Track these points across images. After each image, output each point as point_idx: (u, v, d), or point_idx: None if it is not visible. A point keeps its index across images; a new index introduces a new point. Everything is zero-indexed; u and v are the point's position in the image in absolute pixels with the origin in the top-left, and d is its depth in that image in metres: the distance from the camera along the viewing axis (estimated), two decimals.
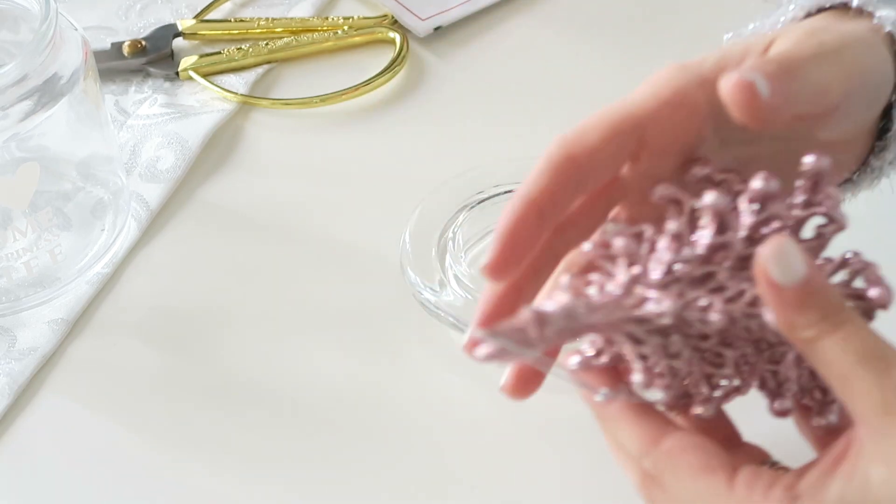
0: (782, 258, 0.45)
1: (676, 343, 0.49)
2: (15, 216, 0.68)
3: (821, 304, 0.45)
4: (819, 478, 0.46)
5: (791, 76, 0.49)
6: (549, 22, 0.87)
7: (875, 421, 0.44)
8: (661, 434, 0.48)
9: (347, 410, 0.65)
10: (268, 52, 0.84)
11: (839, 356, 0.45)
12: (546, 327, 0.46)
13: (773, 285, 0.45)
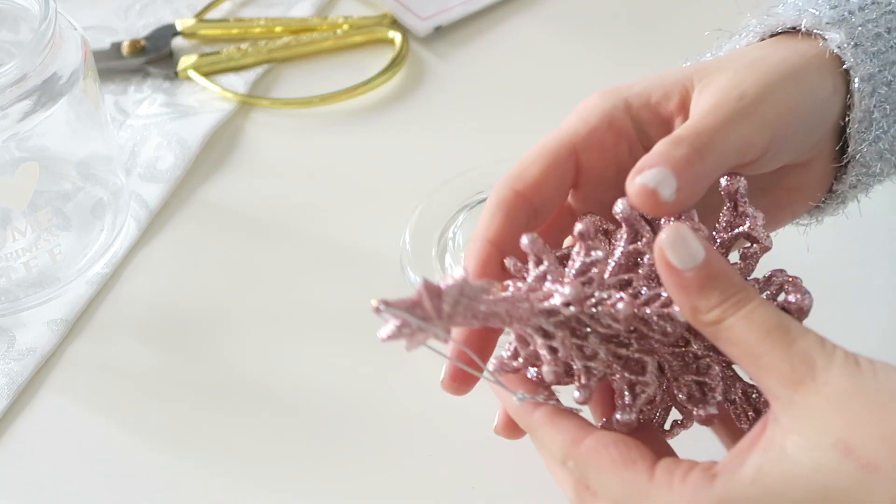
0: (680, 243, 0.47)
1: (593, 344, 0.50)
2: (14, 216, 0.68)
3: (722, 285, 0.46)
4: (736, 457, 0.46)
5: (702, 156, 0.50)
6: (548, 22, 0.87)
7: (785, 393, 0.45)
8: (583, 435, 0.49)
9: (347, 410, 0.65)
10: (267, 51, 0.84)
11: (744, 334, 0.46)
12: (442, 301, 0.47)
13: (673, 270, 0.47)
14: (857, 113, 0.54)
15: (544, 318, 0.49)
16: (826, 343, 0.45)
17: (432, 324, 0.47)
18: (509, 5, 0.88)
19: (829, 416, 0.44)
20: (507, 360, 0.52)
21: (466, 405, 0.65)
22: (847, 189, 0.57)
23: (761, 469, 0.45)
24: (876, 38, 0.55)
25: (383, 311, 0.47)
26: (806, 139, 0.54)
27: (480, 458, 0.63)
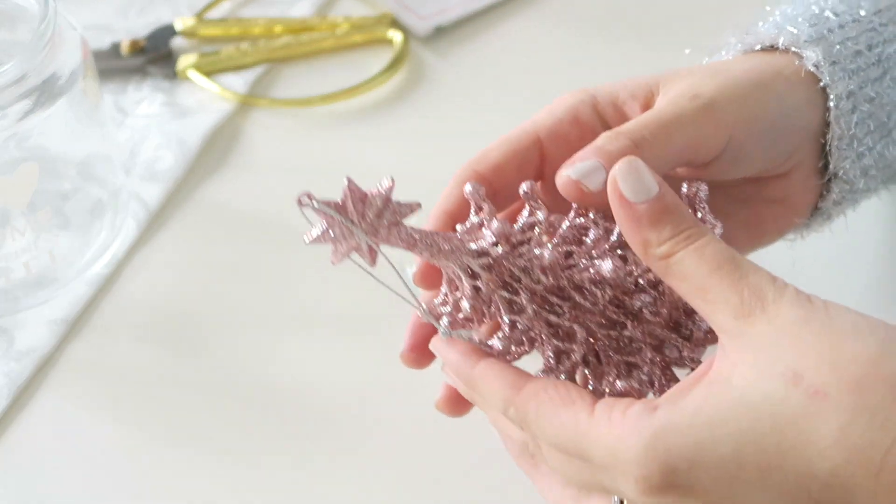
0: (634, 175, 0.47)
1: (522, 300, 0.50)
2: (14, 216, 0.68)
3: (674, 220, 0.46)
4: (679, 391, 0.45)
5: (640, 150, 0.50)
6: (548, 21, 0.87)
7: (734, 325, 0.44)
8: (523, 382, 0.49)
9: (347, 410, 0.65)
10: (267, 51, 0.84)
11: (694, 268, 0.45)
12: (366, 207, 0.48)
13: (625, 202, 0.47)
14: (835, 129, 0.55)
15: (472, 258, 0.50)
16: (777, 280, 0.45)
17: (355, 229, 0.48)
18: (509, 5, 0.88)
19: (778, 345, 0.43)
20: (436, 305, 0.52)
21: None
22: (831, 206, 0.57)
23: (706, 400, 0.44)
24: (855, 55, 0.55)
25: (306, 203, 0.48)
26: (776, 147, 0.54)
27: (480, 457, 0.63)
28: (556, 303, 0.50)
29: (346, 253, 0.49)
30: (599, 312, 0.51)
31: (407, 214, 0.49)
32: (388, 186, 0.49)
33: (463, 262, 0.50)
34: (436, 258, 0.50)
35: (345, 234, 0.49)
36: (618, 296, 0.51)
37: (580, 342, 0.51)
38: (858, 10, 0.56)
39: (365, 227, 0.48)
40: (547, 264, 0.49)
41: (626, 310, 0.51)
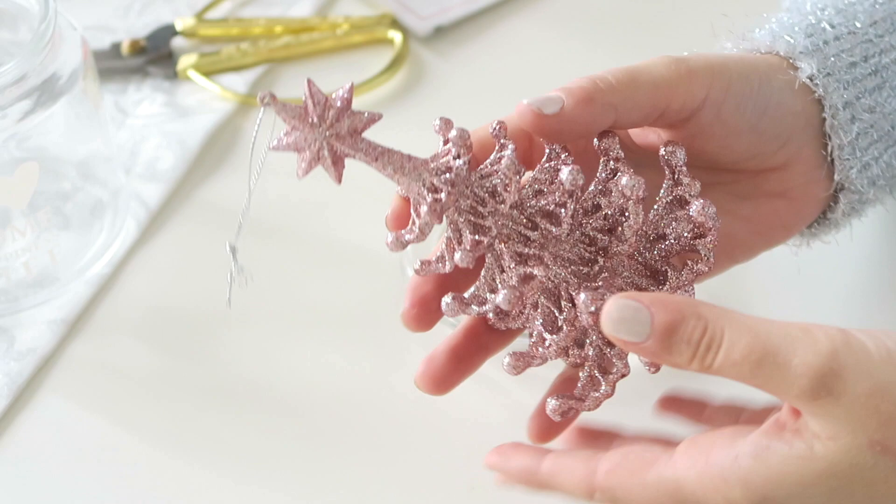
0: (623, 322, 0.46)
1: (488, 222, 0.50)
2: (14, 216, 0.68)
3: (685, 338, 0.45)
4: (762, 443, 0.46)
5: (602, 84, 0.51)
6: (548, 21, 0.87)
7: (805, 408, 0.45)
8: (594, 464, 0.50)
9: (347, 410, 0.65)
10: (267, 51, 0.84)
11: (735, 373, 0.45)
12: (327, 110, 0.48)
13: (633, 346, 0.46)
14: (834, 140, 0.55)
15: (434, 175, 0.50)
16: (819, 340, 0.44)
17: (315, 132, 0.48)
18: (509, 5, 0.88)
19: (858, 420, 0.44)
20: (402, 233, 0.51)
21: (466, 404, 0.65)
22: (840, 216, 0.57)
23: (789, 465, 0.45)
24: (850, 66, 0.55)
25: (268, 102, 0.48)
26: (763, 123, 0.54)
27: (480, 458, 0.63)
28: (522, 231, 0.51)
29: (311, 163, 0.49)
30: (570, 246, 0.51)
31: (368, 124, 0.50)
32: (348, 89, 0.49)
33: (426, 178, 0.50)
34: (398, 174, 0.50)
35: (307, 141, 0.49)
36: (586, 230, 0.51)
37: (547, 265, 0.50)
38: (854, 21, 0.56)
39: (326, 131, 0.49)
40: (503, 168, 0.50)
41: (597, 246, 0.51)
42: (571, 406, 0.51)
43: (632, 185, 0.50)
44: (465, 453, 0.63)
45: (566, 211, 0.50)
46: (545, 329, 0.51)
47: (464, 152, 0.50)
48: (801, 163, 0.56)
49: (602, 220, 0.51)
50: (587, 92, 0.51)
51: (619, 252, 0.51)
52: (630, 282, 0.51)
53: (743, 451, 0.46)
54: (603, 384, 0.51)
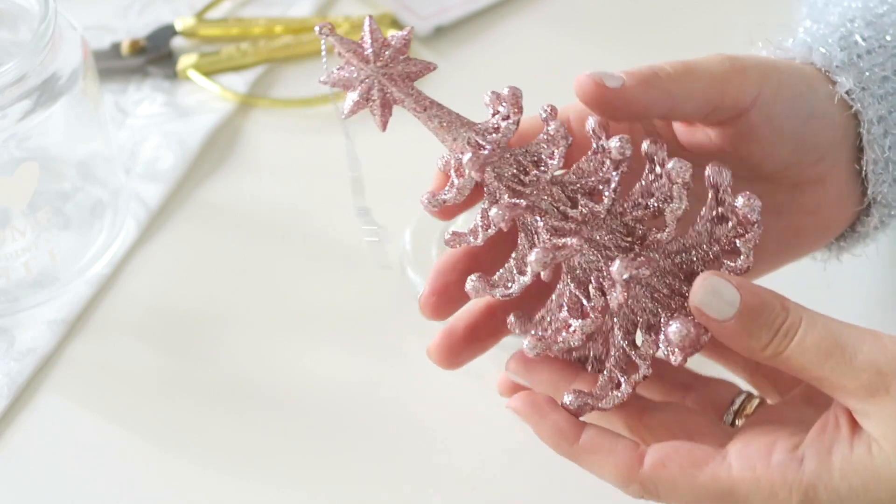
0: (711, 297, 0.47)
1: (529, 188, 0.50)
2: (14, 216, 0.68)
3: (766, 321, 0.47)
4: (823, 445, 0.47)
5: (662, 69, 0.51)
6: (548, 21, 0.87)
7: (859, 406, 0.46)
8: (637, 456, 0.49)
9: (347, 410, 0.65)
10: (267, 51, 0.84)
11: (804, 361, 0.47)
12: (385, 48, 0.50)
13: (714, 322, 0.47)
14: (870, 154, 0.55)
15: (481, 135, 0.50)
16: (887, 345, 0.46)
17: (369, 68, 0.49)
18: (509, 5, 0.88)
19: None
20: (440, 193, 0.51)
21: (466, 404, 0.65)
22: (871, 230, 0.58)
23: (850, 464, 0.46)
24: (883, 80, 0.55)
25: (326, 32, 0.49)
26: (807, 130, 0.54)
27: (480, 458, 0.63)
28: (562, 208, 0.50)
29: (358, 103, 0.49)
30: (607, 231, 0.50)
31: (423, 72, 0.50)
32: (407, 32, 0.50)
33: (471, 137, 0.50)
34: (443, 129, 0.50)
35: (359, 77, 0.49)
36: (626, 219, 0.50)
37: (582, 238, 0.50)
38: (885, 35, 0.56)
39: (381, 69, 0.49)
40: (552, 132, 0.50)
41: (635, 235, 0.51)
42: (588, 403, 0.51)
43: (679, 167, 0.50)
44: (467, 453, 0.63)
45: (611, 183, 0.50)
46: (571, 315, 0.51)
47: (514, 112, 0.50)
48: (835, 179, 0.56)
49: (643, 210, 0.51)
50: (647, 76, 0.51)
51: (658, 240, 0.50)
52: (665, 281, 0.51)
53: (807, 456, 0.47)
54: (623, 384, 0.51)
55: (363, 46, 0.49)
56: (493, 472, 0.62)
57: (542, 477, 0.62)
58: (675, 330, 0.48)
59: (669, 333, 0.48)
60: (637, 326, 0.51)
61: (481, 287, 0.51)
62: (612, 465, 0.49)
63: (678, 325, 0.48)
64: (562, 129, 0.50)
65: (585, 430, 0.50)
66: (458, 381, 0.65)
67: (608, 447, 0.49)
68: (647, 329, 0.51)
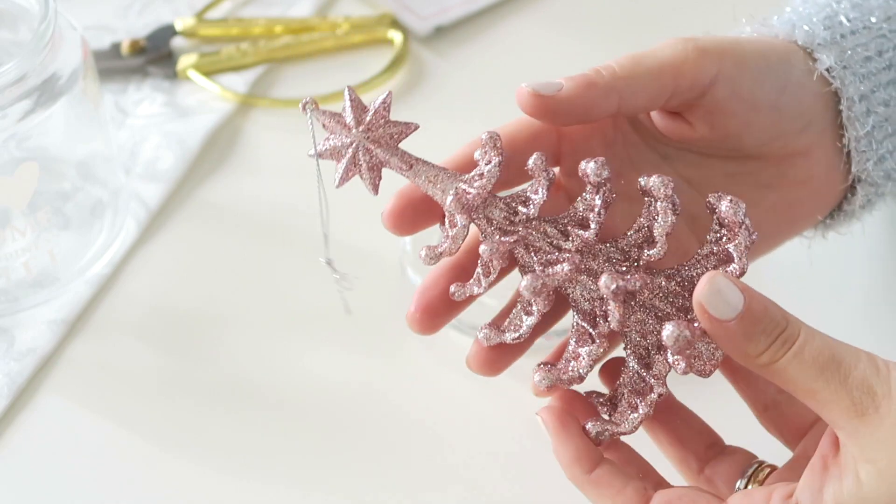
0: (717, 295, 0.47)
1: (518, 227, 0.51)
2: (14, 216, 0.68)
3: (766, 328, 0.47)
4: (812, 483, 0.47)
5: (610, 67, 0.52)
6: (548, 21, 0.87)
7: (849, 424, 0.46)
8: (646, 494, 0.50)
9: (347, 410, 0.65)
10: (267, 51, 0.84)
11: (798, 373, 0.47)
12: (365, 114, 0.50)
13: (716, 322, 0.47)
14: (851, 131, 0.55)
15: (467, 183, 0.51)
16: (880, 366, 0.46)
17: (352, 135, 0.50)
18: (509, 5, 0.88)
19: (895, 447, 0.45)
20: (435, 246, 0.52)
21: (466, 404, 0.65)
22: (857, 209, 0.58)
23: (842, 497, 0.46)
24: (866, 60, 0.56)
25: (310, 108, 0.50)
26: (783, 101, 0.54)
27: (480, 458, 0.63)
28: (555, 242, 0.51)
29: (347, 170, 0.51)
30: (603, 259, 0.51)
31: (405, 133, 0.51)
32: (386, 96, 0.51)
33: (458, 187, 0.51)
34: (431, 184, 0.51)
35: (344, 145, 0.51)
36: (621, 245, 0.51)
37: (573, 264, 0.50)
38: (870, 16, 0.56)
39: (363, 133, 0.50)
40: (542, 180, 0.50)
41: (631, 259, 0.51)
42: (608, 429, 0.51)
43: (658, 183, 0.50)
44: (467, 453, 0.63)
45: (595, 209, 0.50)
46: (578, 345, 0.51)
47: (494, 154, 0.51)
48: (823, 149, 0.56)
49: (636, 233, 0.51)
50: (588, 77, 0.51)
51: (650, 257, 0.51)
52: (668, 299, 0.51)
53: (802, 501, 0.47)
54: (640, 406, 0.51)
55: (344, 115, 0.51)
56: (493, 472, 0.62)
57: (542, 477, 0.62)
58: (668, 332, 0.48)
59: (663, 336, 0.48)
60: (649, 351, 0.51)
61: (493, 335, 0.52)
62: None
63: (671, 327, 0.48)
64: (539, 162, 0.51)
65: (601, 464, 0.50)
66: (458, 381, 0.65)
67: (619, 486, 0.50)
68: (657, 350, 0.51)
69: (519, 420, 0.63)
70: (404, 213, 0.53)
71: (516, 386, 0.64)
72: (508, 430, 0.64)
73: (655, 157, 0.56)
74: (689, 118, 0.54)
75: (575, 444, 0.51)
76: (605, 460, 0.51)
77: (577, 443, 0.51)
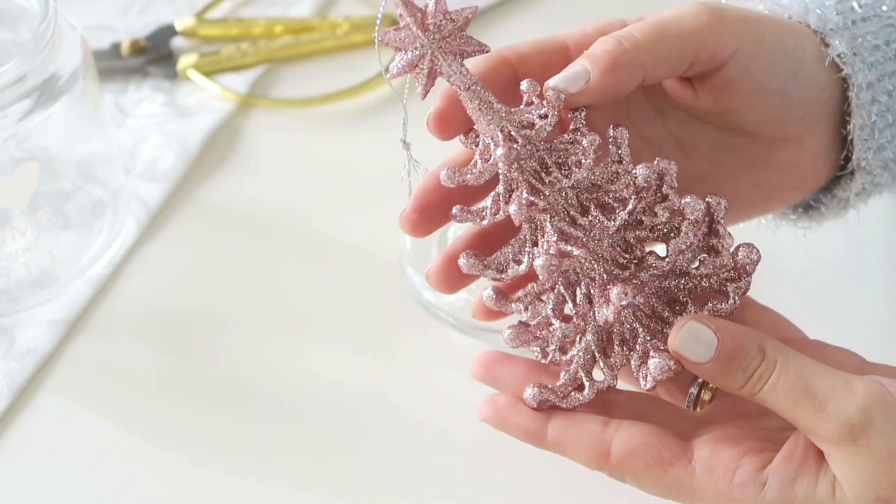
0: (690, 341, 0.49)
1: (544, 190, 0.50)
2: (14, 216, 0.68)
3: (741, 365, 0.48)
4: (788, 475, 0.48)
5: (633, 49, 0.51)
6: (548, 21, 0.87)
7: (827, 449, 0.47)
8: (606, 442, 0.50)
9: (347, 410, 0.65)
10: (267, 51, 0.84)
11: (776, 403, 0.48)
12: (447, 21, 0.50)
13: (693, 365, 0.49)
14: (856, 119, 0.55)
15: (516, 127, 0.50)
16: (857, 394, 0.47)
17: (426, 36, 0.49)
18: (509, 5, 0.88)
19: (871, 475, 0.46)
20: (463, 170, 0.51)
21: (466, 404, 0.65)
22: (853, 196, 0.58)
23: (808, 500, 0.47)
24: (874, 49, 0.56)
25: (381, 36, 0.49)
26: (791, 87, 0.54)
27: (480, 456, 0.63)
28: (572, 213, 0.51)
29: (406, 67, 0.50)
30: (608, 244, 0.51)
31: (476, 52, 0.50)
32: (472, 10, 0.50)
33: (505, 126, 0.50)
34: (481, 112, 0.50)
35: (414, 43, 0.50)
36: (628, 237, 0.51)
37: (586, 250, 0.50)
38: (882, 4, 0.56)
39: (438, 41, 0.50)
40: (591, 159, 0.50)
41: (633, 255, 0.51)
42: (549, 399, 0.51)
43: (693, 205, 0.50)
44: (467, 453, 0.63)
45: (628, 205, 0.51)
46: (554, 314, 0.51)
47: (553, 114, 0.50)
48: (814, 139, 0.56)
49: (648, 231, 0.51)
50: (612, 57, 0.51)
51: (655, 266, 0.51)
52: (649, 303, 0.51)
53: (770, 483, 0.48)
54: (587, 388, 0.51)
55: (426, 15, 0.49)
56: (493, 471, 0.62)
57: (543, 477, 0.62)
58: (657, 364, 0.50)
59: (651, 367, 0.50)
60: (611, 335, 0.51)
61: (474, 265, 0.51)
62: (581, 455, 0.50)
63: (660, 361, 0.50)
64: (596, 143, 0.51)
65: (550, 424, 0.51)
66: (458, 380, 0.65)
67: (573, 440, 0.50)
68: (621, 342, 0.51)
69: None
70: (452, 115, 0.52)
71: None
72: None
73: (650, 110, 0.56)
74: (696, 87, 0.54)
75: (516, 423, 0.51)
76: (551, 418, 0.51)
77: (518, 421, 0.51)
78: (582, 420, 0.51)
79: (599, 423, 0.50)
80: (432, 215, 0.53)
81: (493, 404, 0.52)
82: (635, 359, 0.51)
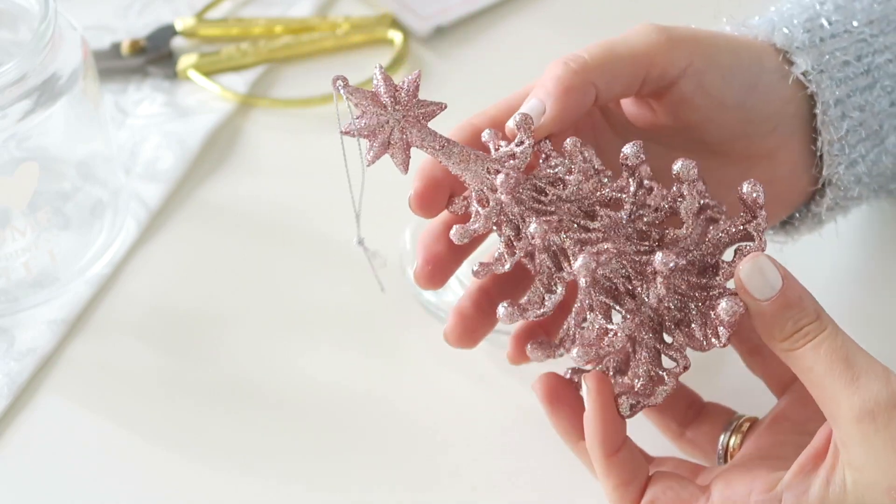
0: (757, 274, 0.49)
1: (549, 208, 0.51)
2: (14, 216, 0.68)
3: (795, 316, 0.48)
4: (801, 477, 0.48)
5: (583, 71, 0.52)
6: (548, 21, 0.87)
7: (846, 426, 0.47)
8: (631, 478, 0.51)
9: (347, 410, 0.65)
10: (267, 51, 0.84)
11: (811, 365, 0.48)
12: (398, 91, 0.50)
13: (751, 298, 0.49)
14: (824, 135, 0.56)
15: (498, 163, 0.51)
16: (890, 379, 0.47)
17: (388, 115, 0.50)
18: (509, 5, 0.88)
19: (887, 460, 0.46)
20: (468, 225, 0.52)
21: (466, 404, 0.65)
22: (824, 211, 0.58)
23: (827, 498, 0.47)
24: (844, 65, 0.56)
25: (341, 85, 0.50)
26: (752, 100, 0.55)
27: (480, 458, 0.63)
28: (582, 223, 0.51)
29: (380, 150, 0.51)
30: (625, 238, 0.51)
31: (435, 112, 0.51)
32: (416, 76, 0.51)
33: (489, 167, 0.51)
34: (462, 161, 0.51)
35: (380, 124, 0.50)
36: (639, 226, 0.51)
37: (613, 242, 0.51)
38: (852, 20, 0.57)
39: (399, 113, 0.50)
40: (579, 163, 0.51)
41: (651, 240, 0.51)
42: (640, 402, 0.52)
43: (685, 167, 0.51)
44: (468, 453, 0.63)
45: (630, 188, 0.51)
46: (606, 320, 0.51)
47: (527, 136, 0.51)
48: (789, 154, 0.56)
49: (654, 213, 0.52)
50: (562, 81, 0.51)
51: (677, 237, 0.51)
52: (685, 279, 0.51)
53: (785, 499, 0.48)
54: (667, 378, 0.52)
55: (378, 94, 0.50)
56: (493, 471, 0.62)
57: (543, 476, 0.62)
58: (726, 306, 0.49)
59: (721, 311, 0.49)
60: (662, 326, 0.52)
61: (514, 313, 0.52)
62: (612, 495, 0.52)
63: (728, 302, 0.49)
64: (578, 145, 0.51)
65: (623, 448, 0.52)
66: (458, 380, 0.65)
67: (627, 477, 0.52)
68: (676, 324, 0.51)
69: (519, 420, 0.63)
70: (432, 195, 0.53)
71: (517, 386, 0.64)
72: (509, 429, 0.64)
73: (621, 143, 0.56)
74: (653, 105, 0.54)
75: (604, 420, 0.51)
76: (626, 443, 0.52)
77: (606, 419, 0.51)
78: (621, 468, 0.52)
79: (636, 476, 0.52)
80: (442, 263, 0.54)
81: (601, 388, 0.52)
82: (697, 325, 0.51)
